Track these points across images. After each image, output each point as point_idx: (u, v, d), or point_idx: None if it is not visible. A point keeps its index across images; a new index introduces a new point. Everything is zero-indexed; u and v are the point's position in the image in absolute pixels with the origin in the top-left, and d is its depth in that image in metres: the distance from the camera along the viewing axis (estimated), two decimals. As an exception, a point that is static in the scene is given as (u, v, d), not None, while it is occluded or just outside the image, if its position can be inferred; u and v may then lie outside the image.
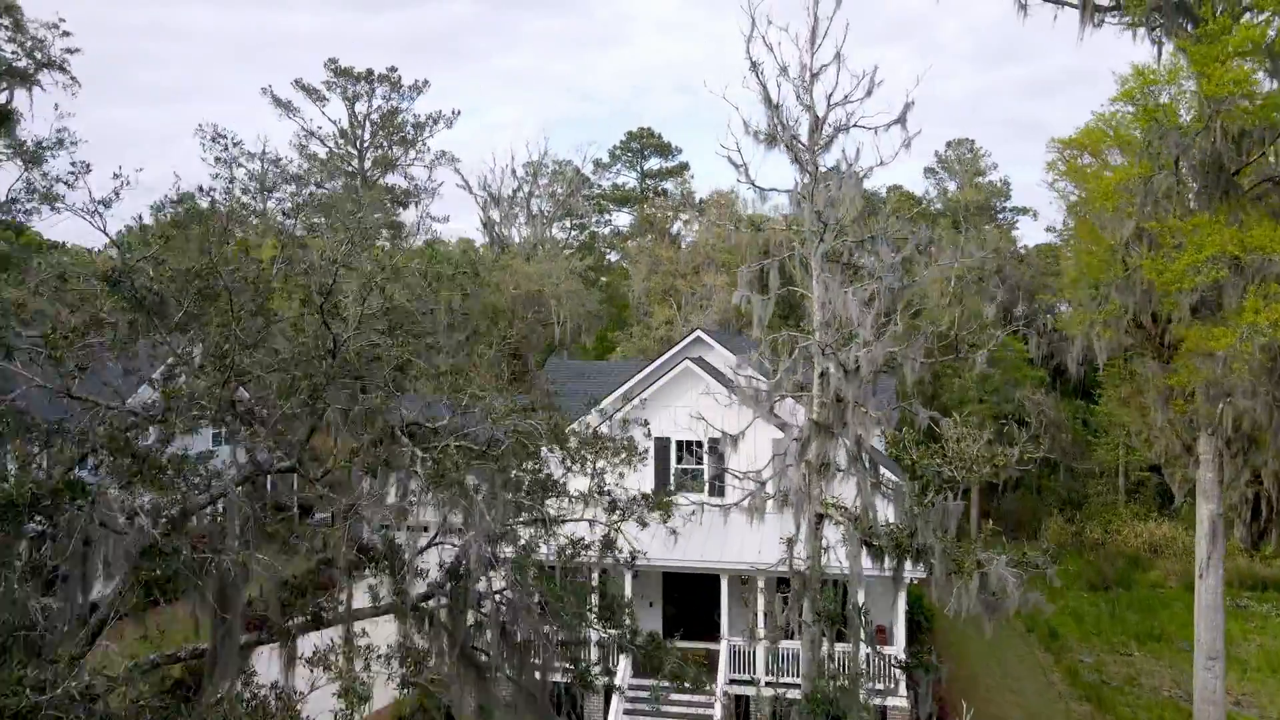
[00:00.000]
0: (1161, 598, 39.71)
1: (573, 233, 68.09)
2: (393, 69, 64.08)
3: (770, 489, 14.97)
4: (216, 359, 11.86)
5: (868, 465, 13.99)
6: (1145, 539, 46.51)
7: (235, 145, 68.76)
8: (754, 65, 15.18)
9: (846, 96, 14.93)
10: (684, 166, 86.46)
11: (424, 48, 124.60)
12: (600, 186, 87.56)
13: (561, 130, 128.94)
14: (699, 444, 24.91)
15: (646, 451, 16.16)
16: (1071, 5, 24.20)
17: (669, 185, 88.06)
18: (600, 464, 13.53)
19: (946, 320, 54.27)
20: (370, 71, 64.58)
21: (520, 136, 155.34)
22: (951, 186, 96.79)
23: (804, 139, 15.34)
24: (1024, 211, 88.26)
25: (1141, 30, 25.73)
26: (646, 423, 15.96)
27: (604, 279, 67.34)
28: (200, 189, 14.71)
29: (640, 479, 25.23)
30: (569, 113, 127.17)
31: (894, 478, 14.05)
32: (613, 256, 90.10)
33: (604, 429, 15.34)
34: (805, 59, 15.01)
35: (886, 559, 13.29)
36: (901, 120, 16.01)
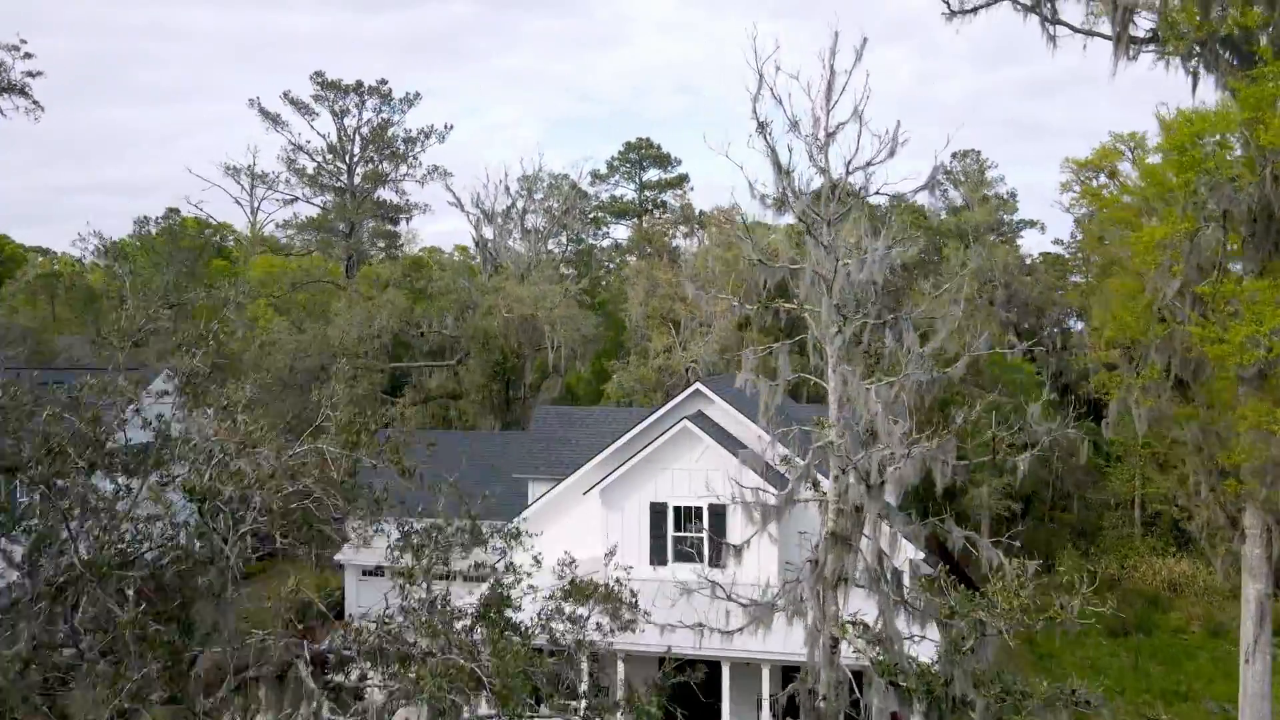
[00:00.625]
0: (1185, 646, 37.76)
1: (569, 247, 66.13)
2: (383, 81, 62.22)
3: (781, 603, 13.11)
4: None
5: (892, 586, 12.13)
6: (1164, 576, 44.60)
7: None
8: (762, 126, 13.34)
9: (869, 161, 13.16)
10: (684, 178, 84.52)
11: (423, 48, 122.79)
12: (598, 199, 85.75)
13: (561, 131, 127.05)
14: (698, 511, 22.95)
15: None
16: (1103, 36, 22.31)
17: (668, 197, 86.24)
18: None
19: (956, 346, 52.30)
20: (360, 83, 62.68)
21: (516, 148, 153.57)
22: (956, 196, 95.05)
23: (819, 208, 13.51)
24: (1031, 224, 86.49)
25: (1176, 60, 23.84)
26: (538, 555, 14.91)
27: (601, 296, 65.42)
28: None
29: (638, 547, 23.33)
30: (569, 113, 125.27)
31: (923, 600, 12.36)
32: (611, 264, 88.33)
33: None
34: (819, 113, 13.20)
35: (916, 703, 11.45)
36: (930, 185, 14.18)
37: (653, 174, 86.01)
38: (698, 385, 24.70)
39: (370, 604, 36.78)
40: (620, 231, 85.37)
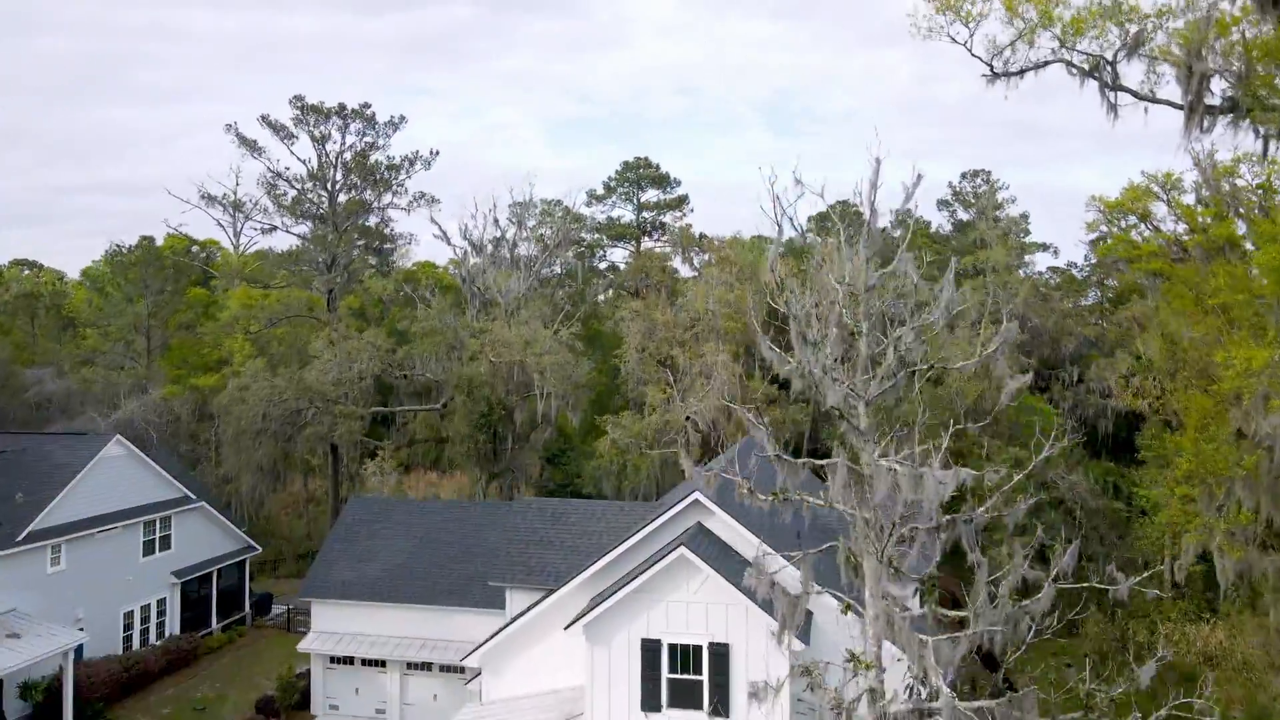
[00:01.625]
0: (1229, 740, 34.62)
1: (564, 282, 62.89)
2: (366, 105, 59.03)
3: None
4: None
5: None
6: (1199, 648, 41.46)
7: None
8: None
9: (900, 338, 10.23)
10: (683, 200, 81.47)
11: (424, 49, 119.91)
12: (595, 220, 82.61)
13: (561, 132, 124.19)
14: (697, 649, 19.82)
15: None
16: (1170, 104, 19.20)
17: (667, 218, 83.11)
18: None
19: (973, 394, 49.26)
20: (343, 106, 59.48)
21: (514, 149, 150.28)
22: (961, 211, 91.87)
23: (856, 383, 10.61)
24: (1044, 248, 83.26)
25: (1246, 122, 20.77)
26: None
27: (595, 326, 62.23)
28: None
29: (628, 690, 20.24)
30: (569, 114, 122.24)
31: None
32: (609, 285, 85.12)
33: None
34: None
35: None
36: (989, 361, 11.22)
37: (651, 194, 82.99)
38: (696, 495, 21.57)
39: (337, 694, 33.59)
40: (618, 254, 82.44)
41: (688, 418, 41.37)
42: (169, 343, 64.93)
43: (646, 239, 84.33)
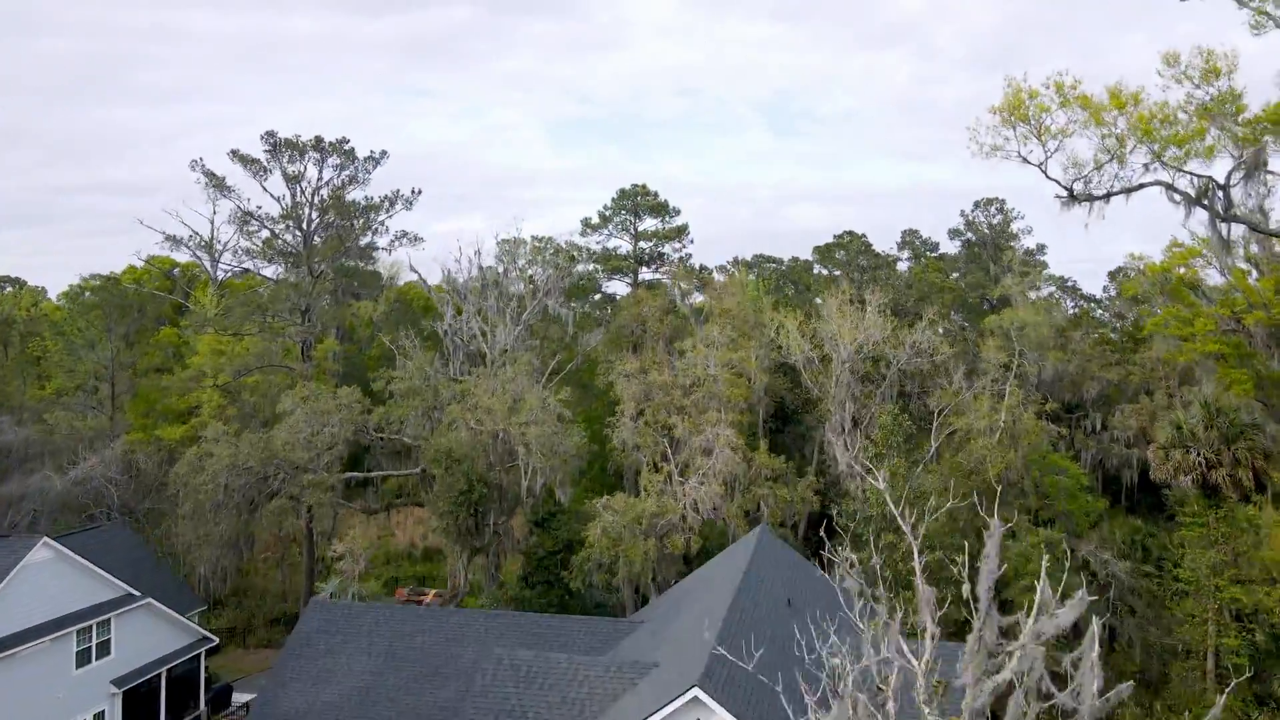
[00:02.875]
0: None
1: (551, 329, 58.99)
2: (344, 140, 55.27)
3: None
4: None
5: None
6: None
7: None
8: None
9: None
10: (683, 230, 77.52)
11: (424, 51, 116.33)
12: (591, 249, 78.76)
13: (562, 131, 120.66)
14: None
15: None
16: (1262, 231, 15.31)
17: (667, 249, 79.18)
18: None
19: (997, 468, 45.19)
20: (319, 140, 55.68)
21: (514, 150, 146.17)
22: (972, 232, 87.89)
23: None
24: (1065, 284, 79.33)
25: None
26: None
27: (587, 376, 58.37)
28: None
29: None
30: (569, 114, 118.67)
31: None
32: (603, 299, 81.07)
33: None
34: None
35: None
36: None
37: (649, 223, 79.11)
38: (695, 691, 17.68)
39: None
40: (616, 285, 78.49)
41: (685, 508, 37.57)
42: (136, 388, 61.02)
43: (645, 269, 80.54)
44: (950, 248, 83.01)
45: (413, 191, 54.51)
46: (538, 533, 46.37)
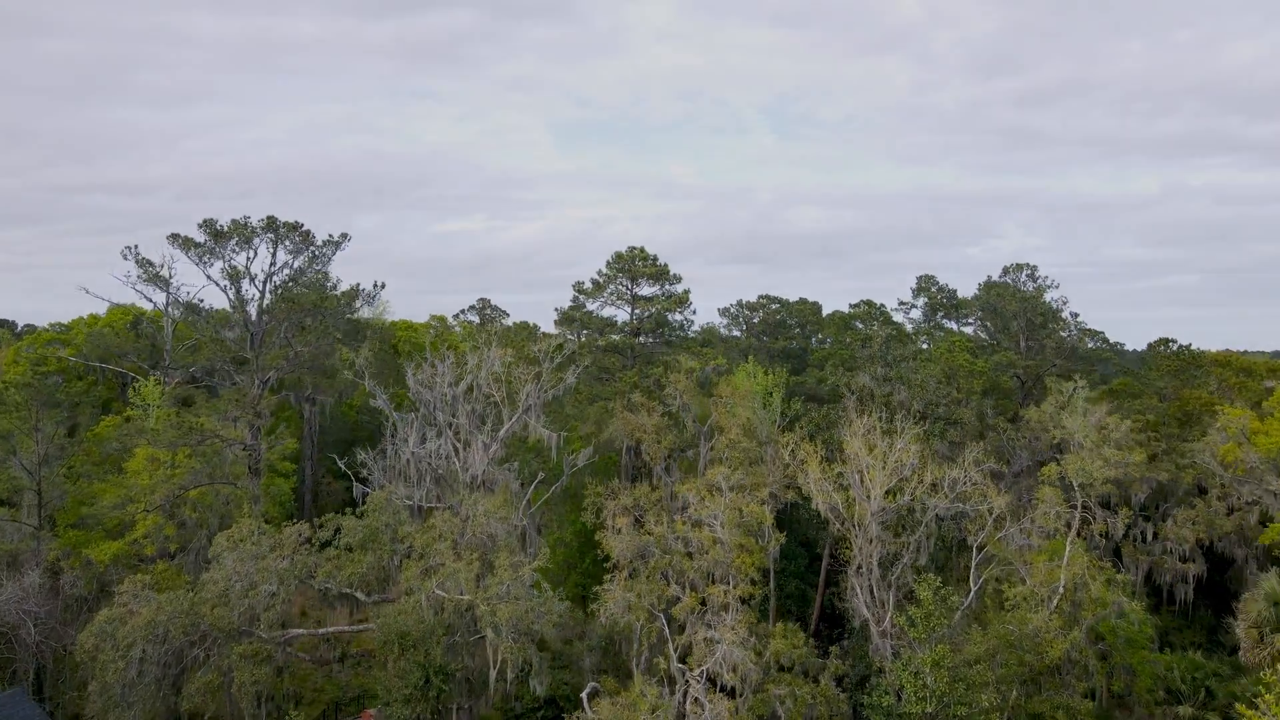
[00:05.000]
0: None
1: (531, 457, 52.04)
2: (298, 224, 48.49)
3: None
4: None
5: None
6: None
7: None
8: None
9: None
10: (685, 298, 70.70)
11: (425, 54, 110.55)
12: (583, 310, 72.06)
13: (563, 134, 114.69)
14: None
15: None
16: None
17: (670, 315, 72.32)
18: None
19: (1058, 650, 38.02)
20: (272, 220, 48.94)
21: (515, 151, 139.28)
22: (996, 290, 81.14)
23: None
24: (1107, 356, 72.49)
25: None
26: None
27: (574, 511, 51.50)
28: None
29: None
30: (570, 117, 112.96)
31: None
32: (602, 374, 74.27)
33: None
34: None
35: None
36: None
37: (647, 289, 72.26)
38: None
39: None
40: (612, 359, 71.54)
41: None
42: (67, 498, 54.11)
43: (642, 336, 73.73)
44: (966, 286, 76.35)
45: (375, 284, 47.74)
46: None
